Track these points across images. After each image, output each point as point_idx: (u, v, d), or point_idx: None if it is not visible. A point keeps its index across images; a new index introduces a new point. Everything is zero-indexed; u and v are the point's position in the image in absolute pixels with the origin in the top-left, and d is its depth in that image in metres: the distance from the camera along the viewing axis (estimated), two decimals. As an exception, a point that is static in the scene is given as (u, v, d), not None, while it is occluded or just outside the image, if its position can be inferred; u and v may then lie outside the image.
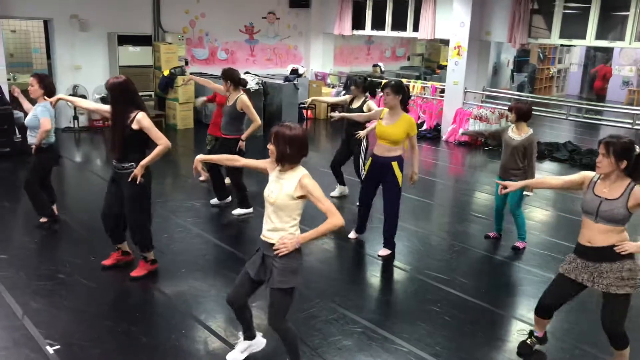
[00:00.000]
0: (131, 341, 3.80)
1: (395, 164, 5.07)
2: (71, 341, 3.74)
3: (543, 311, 3.67)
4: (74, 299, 4.33)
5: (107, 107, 4.53)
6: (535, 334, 3.81)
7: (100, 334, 3.87)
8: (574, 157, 9.65)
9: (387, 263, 5.25)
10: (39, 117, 5.34)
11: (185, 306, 4.31)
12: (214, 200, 6.57)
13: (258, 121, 6.02)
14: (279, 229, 3.08)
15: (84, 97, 10.44)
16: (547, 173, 9.07)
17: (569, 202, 7.62)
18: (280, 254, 3.04)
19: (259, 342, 3.63)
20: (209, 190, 6.84)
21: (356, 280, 5.03)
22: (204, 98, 7.46)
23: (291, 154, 3.01)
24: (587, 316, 4.31)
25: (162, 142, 4.31)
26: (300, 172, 3.06)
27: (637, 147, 3.24)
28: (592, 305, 4.51)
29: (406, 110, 5.12)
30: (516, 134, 5.37)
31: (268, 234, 3.12)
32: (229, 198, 6.57)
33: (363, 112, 6.30)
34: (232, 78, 6.01)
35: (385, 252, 5.36)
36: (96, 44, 10.71)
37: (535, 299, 4.57)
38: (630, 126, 9.52)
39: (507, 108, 5.57)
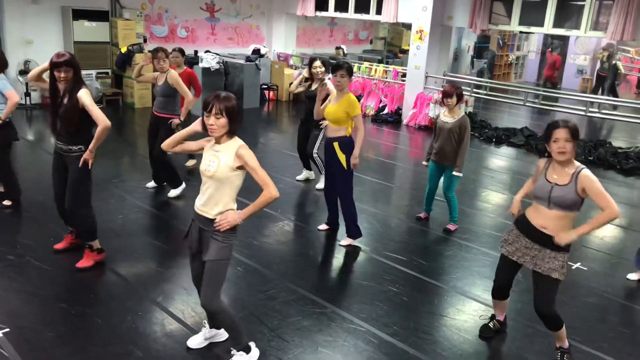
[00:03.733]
0: (85, 323, 3.71)
1: (335, 145, 4.95)
2: (21, 324, 3.63)
3: (497, 293, 3.75)
4: (25, 280, 4.20)
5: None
6: (496, 317, 3.90)
7: (53, 316, 3.77)
8: (530, 142, 9.88)
9: (349, 246, 5.27)
10: (2, 91, 5.13)
11: (142, 288, 4.24)
12: (152, 184, 6.40)
13: (190, 96, 5.98)
14: (218, 202, 3.02)
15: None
16: (504, 157, 9.29)
17: (524, 186, 7.82)
18: (222, 229, 3.01)
19: (224, 332, 3.56)
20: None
21: (315, 262, 5.04)
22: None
23: (239, 124, 3.02)
24: (539, 296, 4.44)
25: (100, 122, 4.07)
26: (237, 143, 3.01)
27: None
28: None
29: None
30: (449, 117, 5.43)
31: (206, 209, 3.05)
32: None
33: None
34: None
35: (346, 241, 5.25)
36: (49, 18, 10.29)
37: (490, 280, 4.70)
38: (583, 113, 9.81)
39: (441, 94, 5.52)
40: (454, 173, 5.47)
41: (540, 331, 3.93)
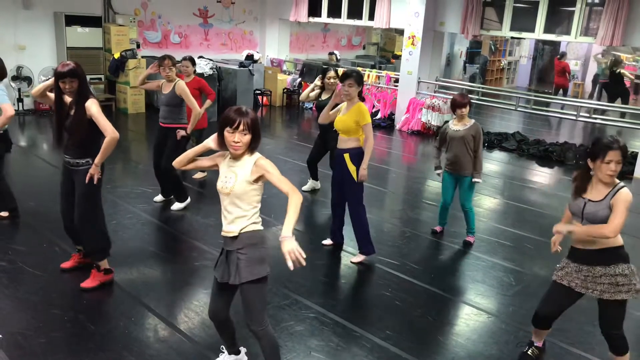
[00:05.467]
0: (78, 329, 3.71)
1: (346, 156, 4.82)
2: (13, 330, 3.62)
3: (540, 322, 3.51)
4: (17, 286, 4.19)
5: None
6: (535, 344, 3.67)
7: (46, 322, 3.76)
8: (522, 147, 9.95)
9: (339, 249, 5.28)
10: None
11: (135, 293, 4.23)
12: (159, 197, 6.23)
13: (197, 109, 5.83)
14: (240, 218, 2.89)
15: (29, 78, 10.06)
16: (496, 162, 9.34)
17: (517, 190, 7.88)
18: (299, 265, 2.77)
19: (244, 358, 3.43)
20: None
21: (309, 266, 4.99)
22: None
23: (259, 141, 2.90)
24: (531, 299, 4.45)
25: (108, 133, 3.96)
26: (255, 155, 2.89)
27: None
28: (536, 289, 4.69)
29: (362, 98, 4.96)
30: (459, 125, 5.27)
31: (229, 228, 2.90)
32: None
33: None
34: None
35: (358, 258, 5.03)
36: (42, 24, 10.28)
37: (482, 284, 4.75)
38: (574, 118, 9.90)
39: (452, 104, 5.29)
40: (475, 179, 5.30)
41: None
